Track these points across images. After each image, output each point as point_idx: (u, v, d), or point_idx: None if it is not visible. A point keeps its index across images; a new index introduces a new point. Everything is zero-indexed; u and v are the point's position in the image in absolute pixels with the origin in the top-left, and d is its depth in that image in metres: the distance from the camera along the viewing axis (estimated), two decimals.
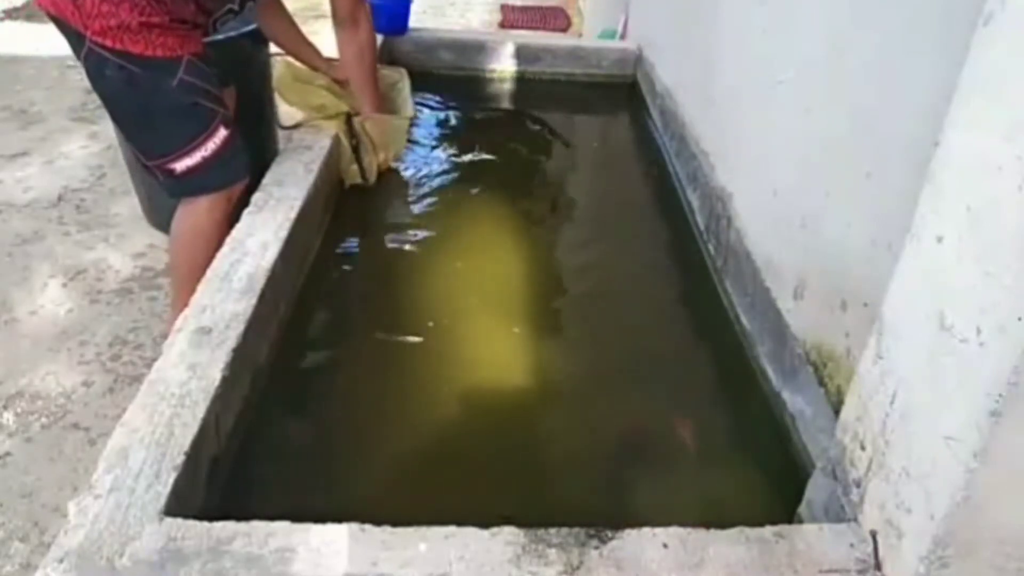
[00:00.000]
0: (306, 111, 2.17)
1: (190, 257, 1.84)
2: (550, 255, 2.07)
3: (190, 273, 1.88)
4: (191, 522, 1.00)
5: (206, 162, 1.76)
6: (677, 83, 2.56)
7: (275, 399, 1.45)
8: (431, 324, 1.71)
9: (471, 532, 1.00)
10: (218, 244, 1.83)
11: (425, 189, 2.30)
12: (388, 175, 2.32)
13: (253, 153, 2.49)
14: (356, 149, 2.20)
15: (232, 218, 2.02)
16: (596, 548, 0.99)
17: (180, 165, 1.74)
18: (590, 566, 0.97)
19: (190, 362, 1.26)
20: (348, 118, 2.20)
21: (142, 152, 1.80)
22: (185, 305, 1.90)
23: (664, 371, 1.64)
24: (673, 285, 1.96)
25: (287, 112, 2.24)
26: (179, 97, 1.70)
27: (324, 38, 2.52)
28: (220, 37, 2.26)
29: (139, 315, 2.29)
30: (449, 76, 3.13)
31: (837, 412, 1.14)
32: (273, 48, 2.33)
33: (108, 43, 1.62)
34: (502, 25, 5.41)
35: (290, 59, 2.20)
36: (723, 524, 1.04)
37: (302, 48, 2.19)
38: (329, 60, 2.23)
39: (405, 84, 2.43)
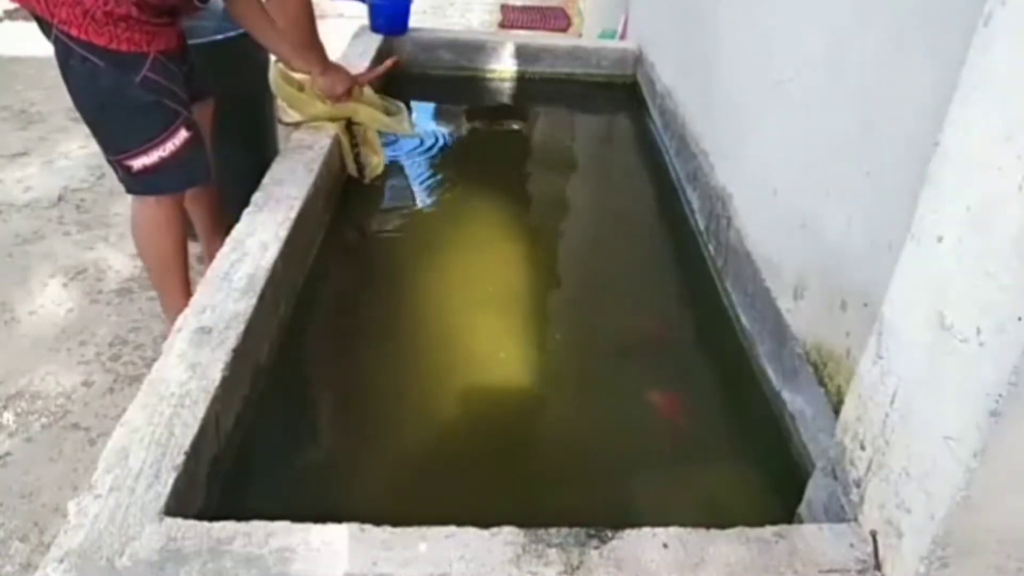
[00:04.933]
0: (306, 118, 2.17)
1: (157, 250, 1.85)
2: (550, 255, 2.07)
3: (164, 265, 1.89)
4: (191, 522, 1.00)
5: (163, 163, 1.75)
6: (677, 83, 2.56)
7: (275, 399, 1.45)
8: (432, 323, 1.71)
9: (471, 532, 1.00)
10: (179, 231, 1.83)
11: (425, 188, 2.30)
12: (389, 174, 2.32)
13: (253, 153, 2.51)
14: (357, 155, 2.20)
15: (217, 214, 2.01)
16: (596, 548, 0.99)
17: (137, 163, 1.73)
18: (590, 566, 0.97)
19: (190, 362, 1.26)
20: (348, 123, 2.19)
21: (101, 146, 1.78)
22: (174, 297, 1.90)
23: (664, 371, 1.64)
24: (673, 285, 1.96)
25: (288, 109, 2.24)
26: (141, 94, 1.68)
27: (326, 37, 2.52)
28: (219, 37, 2.26)
29: (139, 315, 2.29)
30: (449, 76, 3.13)
31: (837, 412, 1.14)
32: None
33: (73, 32, 1.61)
34: (502, 25, 5.41)
35: (282, 66, 2.18)
36: (723, 524, 1.04)
37: (269, 35, 2.02)
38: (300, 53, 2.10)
39: (404, 114, 2.41)
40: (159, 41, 1.70)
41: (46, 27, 1.65)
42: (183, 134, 1.76)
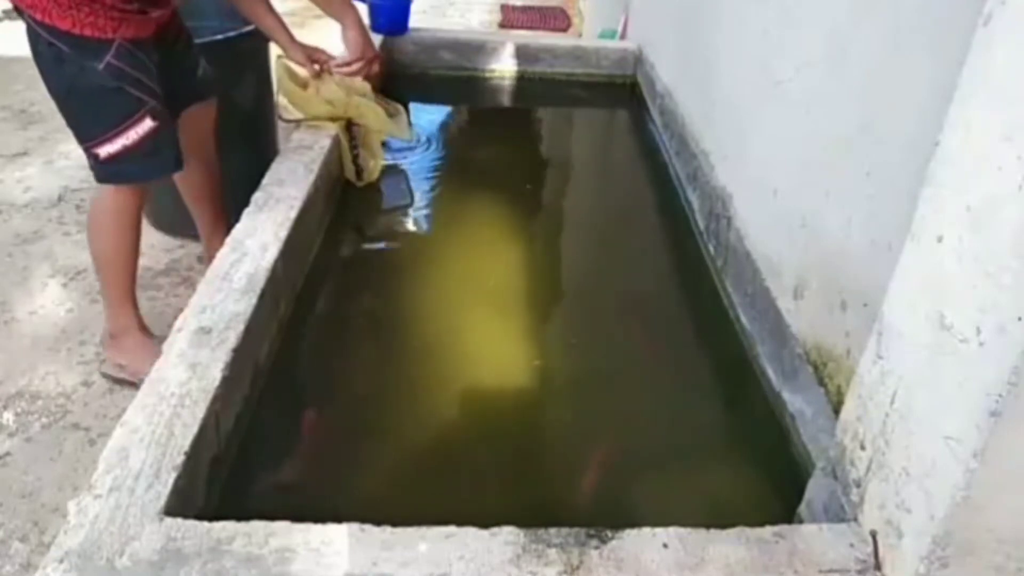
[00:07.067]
0: (307, 116, 2.17)
1: (104, 242, 1.85)
2: (550, 255, 2.07)
3: (107, 258, 1.90)
4: (191, 522, 1.00)
5: (127, 151, 1.73)
6: (677, 83, 2.56)
7: (275, 399, 1.45)
8: (431, 323, 1.71)
9: (471, 532, 1.00)
10: (131, 227, 1.82)
11: (426, 188, 2.30)
12: (388, 175, 2.32)
13: (253, 153, 2.51)
14: (355, 157, 2.20)
15: (218, 214, 1.96)
16: (596, 548, 0.99)
17: (103, 151, 1.73)
18: (590, 566, 0.97)
19: (190, 362, 1.26)
20: (348, 124, 2.20)
21: (73, 134, 1.77)
22: (116, 295, 1.90)
23: (664, 371, 1.64)
24: (673, 285, 1.96)
25: (289, 107, 2.24)
26: (103, 81, 1.66)
27: (323, 37, 2.52)
28: (219, 37, 2.26)
29: None
30: (449, 76, 3.13)
31: (837, 412, 1.14)
32: (274, 51, 2.32)
33: (38, 16, 1.60)
34: (502, 25, 5.41)
35: (287, 61, 2.19)
36: (723, 524, 1.05)
37: (266, 21, 2.08)
38: (299, 44, 2.12)
39: (403, 116, 2.41)
40: (127, 28, 1.68)
41: (19, 13, 1.65)
42: (148, 123, 1.74)
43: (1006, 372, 0.76)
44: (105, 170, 1.78)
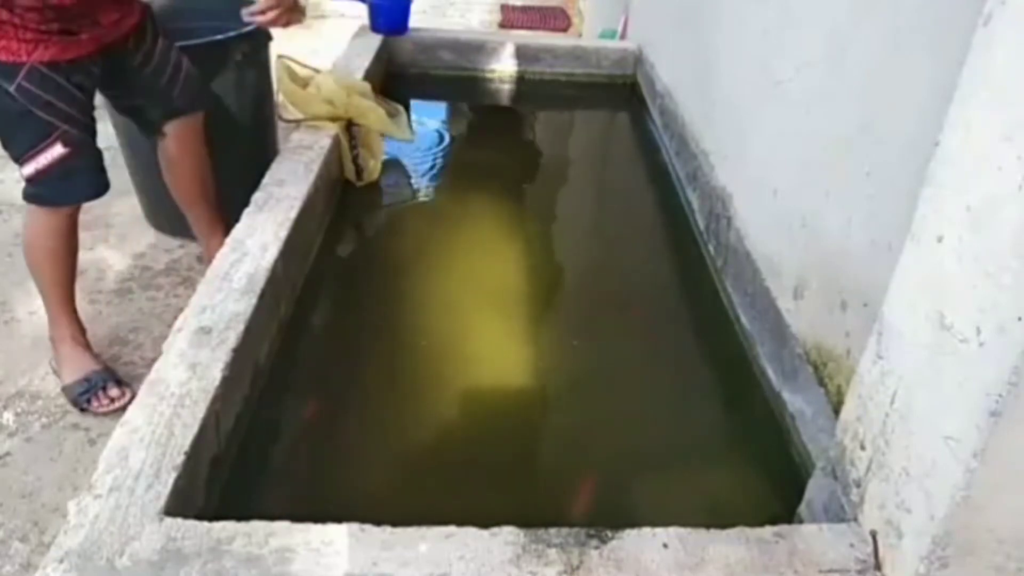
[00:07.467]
0: (307, 116, 2.17)
1: (32, 257, 1.87)
2: (551, 254, 2.07)
3: (37, 274, 1.92)
4: (191, 522, 1.00)
5: (39, 175, 1.73)
6: (677, 83, 2.56)
7: (275, 399, 1.45)
8: (432, 323, 1.71)
9: (471, 532, 1.00)
10: (57, 244, 1.83)
11: (426, 189, 2.30)
12: (389, 174, 2.32)
13: (253, 153, 2.51)
14: (355, 157, 2.20)
15: (217, 214, 1.94)
16: (596, 548, 0.99)
17: (23, 171, 1.74)
18: (590, 566, 0.97)
19: (190, 362, 1.26)
20: (348, 124, 2.20)
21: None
22: (50, 302, 1.89)
23: (664, 371, 1.65)
24: (673, 285, 1.96)
25: (289, 106, 2.24)
26: (11, 104, 1.65)
27: (326, 38, 2.52)
28: (220, 37, 2.26)
29: (139, 315, 2.29)
30: (449, 76, 3.13)
31: (837, 412, 1.14)
32: (274, 51, 2.33)
33: None
34: (502, 25, 5.41)
35: (289, 62, 2.18)
36: (723, 524, 1.05)
37: None
38: None
39: (403, 117, 2.42)
40: (44, 51, 1.65)
41: None
42: (58, 149, 1.72)
43: (1006, 372, 0.76)
44: (25, 190, 1.78)
